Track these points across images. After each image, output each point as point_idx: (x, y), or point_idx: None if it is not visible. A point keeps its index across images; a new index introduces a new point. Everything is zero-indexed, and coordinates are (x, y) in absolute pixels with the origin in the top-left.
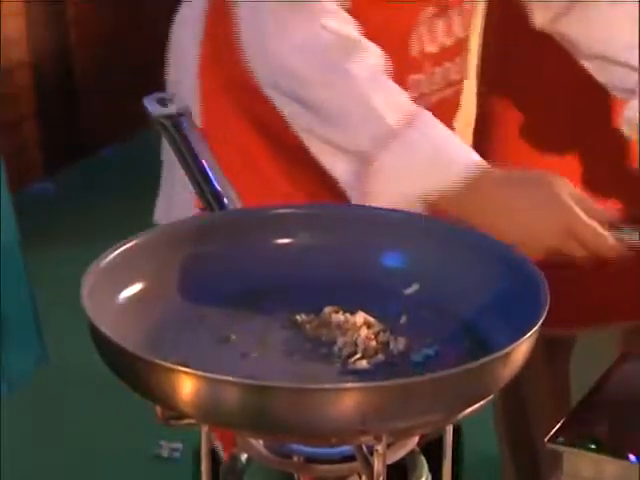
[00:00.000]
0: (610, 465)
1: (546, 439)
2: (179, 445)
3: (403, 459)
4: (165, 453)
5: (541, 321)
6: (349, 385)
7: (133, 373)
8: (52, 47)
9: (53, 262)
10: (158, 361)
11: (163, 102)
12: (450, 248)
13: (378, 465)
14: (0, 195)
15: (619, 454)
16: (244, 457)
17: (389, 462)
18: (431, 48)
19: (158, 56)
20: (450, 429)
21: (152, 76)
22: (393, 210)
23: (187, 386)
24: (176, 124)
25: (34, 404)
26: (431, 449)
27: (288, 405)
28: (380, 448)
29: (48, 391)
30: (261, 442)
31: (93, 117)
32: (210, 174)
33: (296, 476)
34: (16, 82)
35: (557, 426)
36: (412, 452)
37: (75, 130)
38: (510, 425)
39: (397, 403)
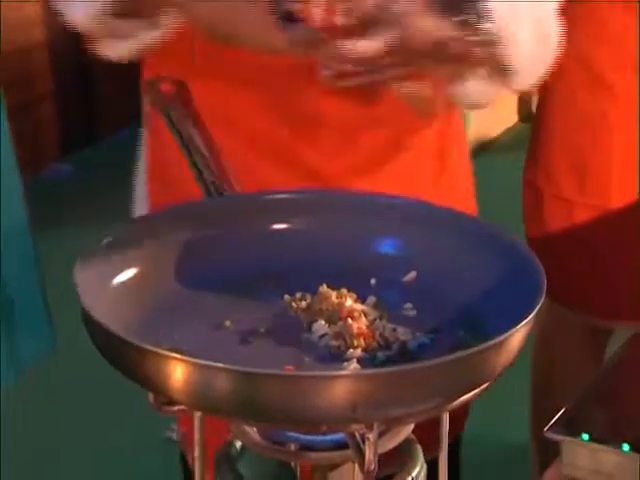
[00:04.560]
0: (608, 455)
1: (545, 428)
2: None
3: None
4: (175, 437)
5: (537, 308)
6: (338, 373)
7: (124, 359)
8: (69, 29)
9: (69, 244)
10: (149, 347)
11: (160, 84)
12: (448, 235)
13: (369, 453)
14: (11, 179)
15: (618, 444)
16: (238, 444)
17: (383, 450)
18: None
19: None
20: (446, 417)
21: None
22: (390, 196)
23: (177, 373)
24: (176, 109)
25: (43, 389)
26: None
27: (278, 392)
28: (371, 436)
29: (58, 376)
30: (255, 429)
31: (109, 99)
32: (209, 160)
33: (293, 464)
34: (33, 64)
35: (557, 415)
36: (407, 440)
37: (91, 112)
38: (538, 413)
39: (388, 391)
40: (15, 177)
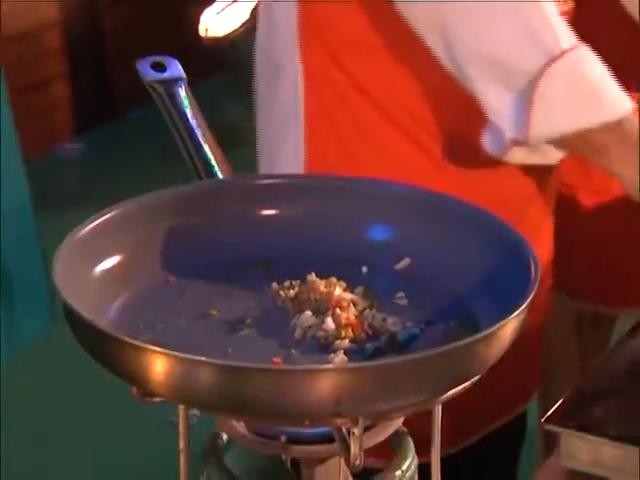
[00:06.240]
0: (607, 448)
1: (543, 419)
2: (195, 411)
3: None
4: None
5: (529, 299)
6: (321, 367)
7: (103, 351)
8: (83, 8)
9: (80, 222)
10: (128, 339)
11: (158, 67)
12: (442, 221)
13: (355, 448)
14: (13, 159)
15: (617, 437)
16: (225, 437)
17: (371, 444)
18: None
19: (190, 16)
20: (439, 409)
21: (183, 37)
22: (383, 181)
23: (158, 366)
24: (169, 90)
25: (41, 367)
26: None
27: (260, 386)
28: (357, 431)
29: (57, 354)
30: (241, 422)
31: (123, 78)
32: (202, 143)
33: (283, 456)
34: (46, 43)
35: (555, 406)
36: (398, 433)
37: (105, 91)
38: (543, 402)
39: (372, 386)
40: (17, 158)
